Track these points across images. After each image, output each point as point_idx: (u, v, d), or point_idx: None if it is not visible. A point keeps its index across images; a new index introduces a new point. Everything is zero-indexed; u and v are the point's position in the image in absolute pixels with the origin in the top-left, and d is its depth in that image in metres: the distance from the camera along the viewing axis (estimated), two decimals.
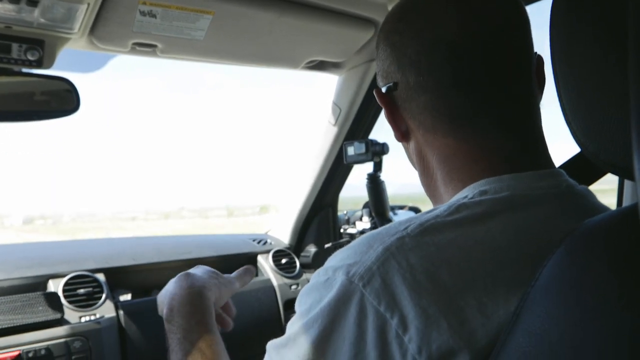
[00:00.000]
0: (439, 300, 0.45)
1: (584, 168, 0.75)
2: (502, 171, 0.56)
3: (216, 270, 0.91)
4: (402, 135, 0.65)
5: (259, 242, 1.80)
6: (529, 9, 0.67)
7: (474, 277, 0.46)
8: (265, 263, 1.72)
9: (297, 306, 0.55)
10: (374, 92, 0.66)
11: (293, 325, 0.53)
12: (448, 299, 0.45)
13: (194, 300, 0.80)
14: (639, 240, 0.35)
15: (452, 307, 0.45)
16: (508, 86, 0.59)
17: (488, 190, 0.54)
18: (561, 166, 0.80)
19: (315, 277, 0.53)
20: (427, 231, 0.49)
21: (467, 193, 0.55)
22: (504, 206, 0.52)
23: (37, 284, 1.30)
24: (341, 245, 1.74)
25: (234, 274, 0.94)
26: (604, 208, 0.58)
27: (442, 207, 0.52)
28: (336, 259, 0.52)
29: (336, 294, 0.48)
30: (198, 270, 0.88)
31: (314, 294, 0.52)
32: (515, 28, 0.59)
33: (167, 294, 0.83)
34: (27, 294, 1.22)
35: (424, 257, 0.47)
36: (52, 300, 1.23)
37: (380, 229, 0.53)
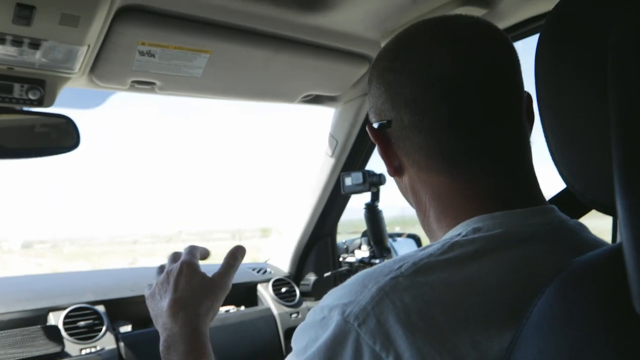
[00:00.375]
0: (434, 340, 0.45)
1: (573, 201, 0.76)
2: (495, 208, 0.57)
3: (205, 276, 0.87)
4: (395, 170, 0.65)
5: (258, 271, 1.81)
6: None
7: (467, 316, 0.47)
8: (265, 292, 1.72)
9: (294, 344, 0.55)
10: (367, 129, 0.66)
11: None
12: (442, 338, 0.46)
13: (190, 339, 0.80)
14: (624, 278, 0.35)
15: (446, 346, 0.45)
16: (500, 125, 0.60)
17: (481, 228, 0.55)
18: (551, 199, 0.81)
19: (311, 315, 0.54)
20: (421, 271, 0.50)
21: (460, 230, 0.56)
22: (497, 244, 0.52)
23: (38, 317, 1.31)
24: (340, 275, 1.76)
25: (221, 268, 0.90)
26: (595, 243, 0.59)
27: (436, 246, 0.53)
28: (331, 298, 0.53)
29: (332, 333, 0.49)
30: (186, 293, 0.85)
31: (310, 332, 0.53)
32: (506, 68, 0.60)
33: (161, 323, 0.83)
34: (28, 328, 1.23)
35: (418, 297, 0.48)
36: (53, 333, 1.24)
37: (374, 267, 0.53)
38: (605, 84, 0.38)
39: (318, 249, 1.86)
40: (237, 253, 0.92)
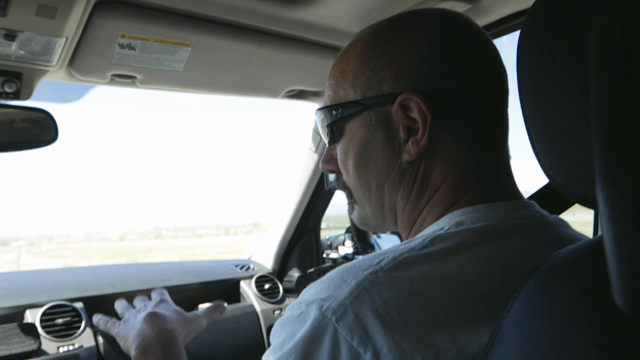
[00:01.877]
0: (412, 335, 0.45)
1: (554, 198, 0.77)
2: (479, 200, 0.57)
3: (180, 309, 0.94)
4: (421, 150, 0.59)
5: (241, 268, 1.79)
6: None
7: (446, 312, 0.46)
8: (248, 289, 1.71)
9: (272, 339, 0.55)
10: (407, 97, 0.58)
11: (267, 359, 0.53)
12: (421, 334, 0.45)
13: (166, 344, 0.82)
14: (605, 271, 0.35)
15: (425, 341, 0.45)
16: (501, 114, 0.62)
17: (464, 222, 0.55)
18: (531, 197, 0.82)
19: (289, 310, 0.53)
20: (401, 265, 0.49)
21: (443, 224, 0.56)
22: (479, 238, 0.52)
23: (14, 315, 1.28)
24: (324, 271, 1.75)
25: (201, 311, 0.96)
26: (576, 238, 0.59)
27: (417, 240, 0.53)
28: (309, 293, 0.52)
29: (309, 328, 0.49)
30: (165, 310, 0.90)
31: (287, 327, 0.52)
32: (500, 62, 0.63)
33: (135, 332, 0.84)
34: (3, 325, 1.20)
35: (397, 292, 0.47)
36: (29, 331, 1.21)
37: (354, 262, 0.53)
38: (587, 77, 0.38)
39: (302, 245, 1.85)
40: (218, 309, 1.00)
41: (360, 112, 0.62)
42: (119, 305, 1.02)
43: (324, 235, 1.91)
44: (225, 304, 1.63)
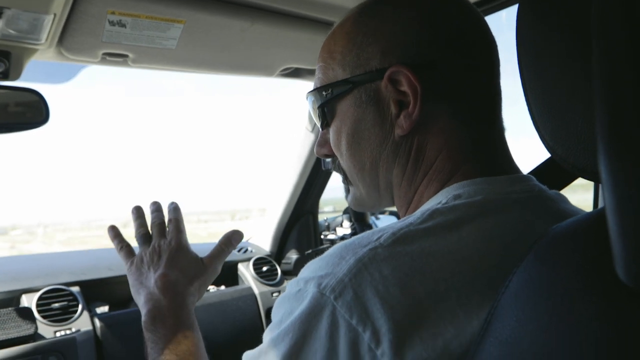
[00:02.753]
0: (412, 313, 0.44)
1: (554, 173, 0.76)
2: (479, 173, 0.57)
3: (195, 257, 0.87)
4: (413, 123, 0.58)
5: (239, 250, 1.79)
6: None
7: (447, 288, 0.46)
8: (246, 271, 1.71)
9: (272, 316, 0.54)
10: (396, 71, 0.57)
11: (266, 337, 0.53)
12: (421, 312, 0.44)
13: (178, 311, 0.79)
14: (606, 244, 0.34)
15: (425, 320, 0.44)
16: (493, 86, 0.62)
17: (462, 195, 0.54)
18: (531, 172, 0.81)
19: (288, 287, 0.53)
20: (400, 241, 0.48)
21: (440, 198, 0.55)
22: (477, 211, 0.52)
23: (10, 300, 1.28)
24: (322, 252, 1.75)
25: (214, 252, 0.90)
26: (575, 212, 0.58)
27: (416, 214, 0.52)
28: (308, 270, 0.51)
29: (307, 306, 0.48)
30: (179, 267, 0.84)
31: (285, 305, 0.51)
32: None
33: (146, 294, 0.81)
34: None
35: (397, 268, 0.46)
36: (25, 315, 1.21)
37: (353, 238, 0.52)
38: (588, 47, 0.37)
39: (300, 227, 1.84)
40: (232, 238, 0.92)
41: (349, 90, 0.61)
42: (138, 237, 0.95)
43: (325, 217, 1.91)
44: (223, 287, 1.63)
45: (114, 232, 0.93)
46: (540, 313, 0.38)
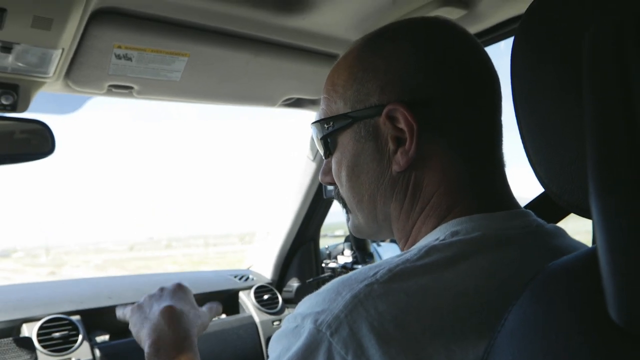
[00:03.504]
0: (408, 349, 0.44)
1: (550, 206, 0.76)
2: (477, 210, 0.57)
3: (194, 302, 0.91)
4: (410, 160, 0.58)
5: (240, 278, 1.78)
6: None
7: (442, 325, 0.46)
8: (247, 299, 1.70)
9: (269, 352, 0.54)
10: (393, 108, 0.58)
11: None
12: (417, 348, 0.44)
13: (182, 344, 0.80)
14: (600, 282, 0.34)
15: (420, 355, 0.44)
16: (493, 121, 0.61)
17: (459, 231, 0.54)
18: (527, 205, 0.81)
19: (285, 323, 0.53)
20: (396, 277, 0.48)
21: (438, 235, 0.55)
22: (475, 248, 0.52)
23: (11, 329, 1.27)
24: (323, 280, 1.74)
25: (205, 308, 0.94)
26: (573, 247, 0.58)
27: (413, 251, 0.52)
28: (305, 306, 0.52)
29: (304, 343, 0.48)
30: (182, 304, 0.86)
31: (283, 341, 0.51)
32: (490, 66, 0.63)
33: (150, 326, 0.81)
34: None
35: (393, 305, 0.46)
36: (26, 345, 1.20)
37: (350, 274, 0.52)
38: (582, 84, 0.37)
39: (301, 255, 1.84)
40: (214, 309, 0.97)
41: (350, 124, 0.62)
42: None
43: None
44: (224, 315, 1.62)
45: None
46: (535, 352, 0.38)
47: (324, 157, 0.69)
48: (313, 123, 0.67)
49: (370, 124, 0.61)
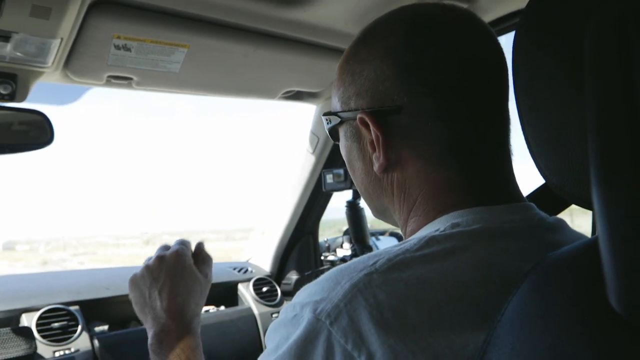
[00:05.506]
0: (407, 338, 0.44)
1: (551, 198, 0.76)
2: (476, 203, 0.56)
3: (196, 273, 0.86)
4: (386, 166, 0.59)
5: (239, 271, 1.79)
6: None
7: (442, 315, 0.46)
8: (246, 292, 1.71)
9: (267, 342, 0.54)
10: (362, 117, 0.58)
11: None
12: (416, 337, 0.44)
13: (185, 334, 0.80)
14: (601, 272, 0.34)
15: (420, 344, 0.44)
16: (496, 115, 0.60)
17: (460, 223, 0.54)
18: (529, 196, 0.81)
19: (283, 312, 0.53)
20: (396, 267, 0.48)
21: (438, 226, 0.55)
22: (475, 240, 0.52)
23: (10, 319, 1.27)
24: (322, 273, 1.74)
25: (202, 265, 0.90)
26: (575, 239, 0.57)
27: (412, 241, 0.52)
28: (304, 295, 0.51)
29: (303, 332, 0.48)
30: (181, 286, 0.83)
31: (281, 330, 0.51)
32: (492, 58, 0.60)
33: (152, 315, 0.81)
34: None
35: (392, 294, 0.46)
36: (25, 335, 1.20)
37: (349, 263, 0.52)
38: (583, 77, 0.37)
39: (300, 248, 1.84)
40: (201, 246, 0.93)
41: (340, 123, 0.64)
42: None
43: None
44: (223, 307, 1.63)
45: None
46: (534, 342, 0.38)
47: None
48: (323, 114, 0.69)
49: (353, 126, 0.62)
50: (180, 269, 0.85)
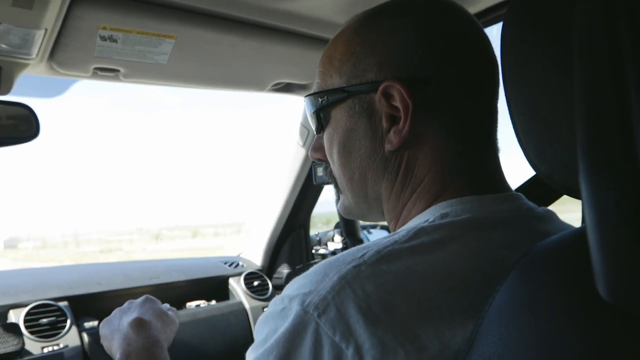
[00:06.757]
0: (396, 330, 0.44)
1: (541, 189, 0.76)
2: (465, 192, 0.56)
3: (163, 310, 0.95)
4: (406, 139, 0.57)
5: (230, 265, 1.78)
6: None
7: (430, 306, 0.46)
8: (237, 286, 1.70)
9: (255, 335, 0.54)
10: (390, 85, 0.57)
11: (250, 356, 0.52)
12: (405, 328, 0.44)
13: (152, 349, 0.84)
14: (589, 260, 0.34)
15: (408, 336, 0.44)
16: (489, 105, 0.61)
17: (449, 213, 0.54)
18: (518, 188, 0.81)
19: (272, 305, 0.52)
20: (384, 259, 0.48)
21: (428, 216, 0.55)
22: (464, 230, 0.52)
23: None
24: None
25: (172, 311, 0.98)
26: (564, 229, 0.58)
27: (401, 232, 0.52)
28: (292, 288, 0.51)
29: (291, 324, 0.47)
30: (150, 314, 0.91)
31: (270, 323, 0.51)
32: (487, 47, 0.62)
33: (120, 337, 0.85)
34: None
35: (380, 286, 0.46)
36: (12, 331, 1.19)
37: (337, 255, 0.52)
38: (571, 65, 0.37)
39: (291, 242, 1.84)
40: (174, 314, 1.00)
41: (344, 99, 0.61)
42: None
43: None
44: (214, 302, 1.62)
45: None
46: (523, 330, 0.38)
47: (315, 133, 0.68)
48: (307, 96, 0.66)
49: (365, 100, 0.60)
50: (149, 304, 0.94)
